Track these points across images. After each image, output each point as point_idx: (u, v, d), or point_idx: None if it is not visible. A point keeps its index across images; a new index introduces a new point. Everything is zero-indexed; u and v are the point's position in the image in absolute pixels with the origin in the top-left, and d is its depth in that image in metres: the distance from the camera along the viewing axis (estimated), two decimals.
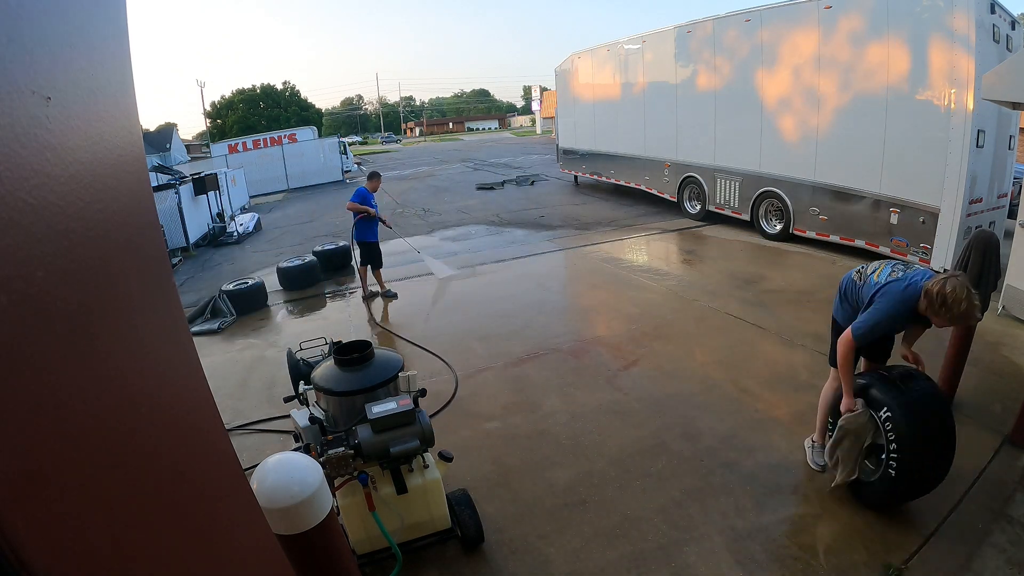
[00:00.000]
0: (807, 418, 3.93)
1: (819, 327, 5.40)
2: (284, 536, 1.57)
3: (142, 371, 0.79)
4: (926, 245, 6.60)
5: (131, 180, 0.82)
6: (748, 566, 2.72)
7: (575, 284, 7.76)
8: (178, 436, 0.86)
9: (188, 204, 12.24)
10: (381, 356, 2.85)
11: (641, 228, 10.50)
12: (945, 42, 6.11)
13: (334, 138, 27.28)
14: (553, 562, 2.84)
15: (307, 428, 2.67)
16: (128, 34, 0.86)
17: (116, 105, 0.80)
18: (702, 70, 9.92)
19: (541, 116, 53.95)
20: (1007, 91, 4.77)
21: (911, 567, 2.66)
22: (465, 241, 10.54)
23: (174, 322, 0.94)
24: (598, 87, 13.61)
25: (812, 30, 7.66)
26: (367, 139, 73.03)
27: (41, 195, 0.60)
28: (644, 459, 3.59)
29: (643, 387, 4.53)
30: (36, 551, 0.53)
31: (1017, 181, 7.58)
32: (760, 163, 8.93)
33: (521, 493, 3.36)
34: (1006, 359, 4.67)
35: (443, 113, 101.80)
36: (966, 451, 3.47)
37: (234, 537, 1.02)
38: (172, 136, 37.31)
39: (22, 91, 0.59)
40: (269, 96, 62.64)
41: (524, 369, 5.00)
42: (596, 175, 14.75)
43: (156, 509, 0.75)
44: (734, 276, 7.19)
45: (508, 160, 27.00)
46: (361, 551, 2.70)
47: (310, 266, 8.39)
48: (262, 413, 4.54)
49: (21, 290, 0.55)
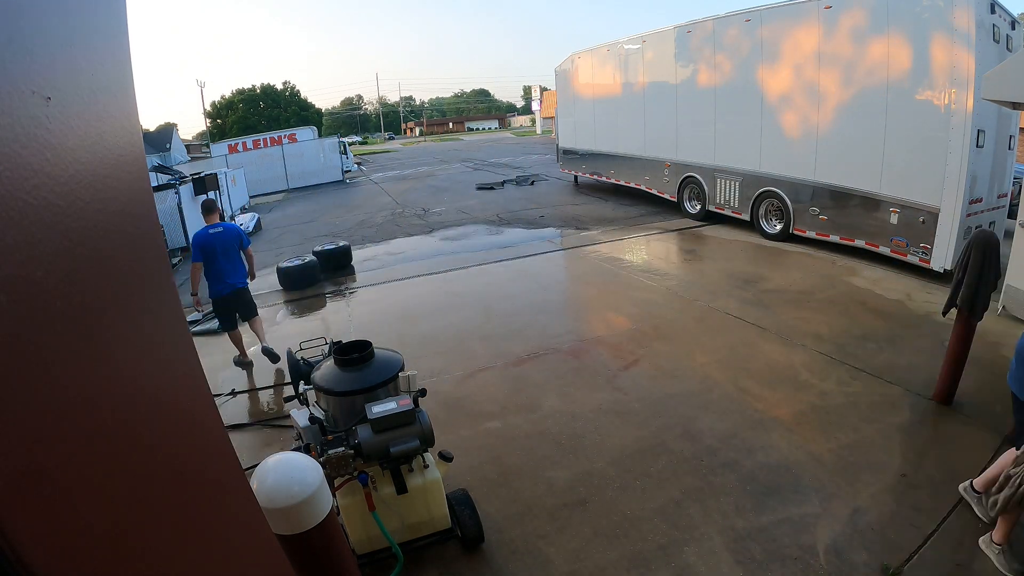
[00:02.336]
0: (807, 418, 3.94)
1: (819, 327, 5.41)
2: (284, 536, 1.57)
3: (142, 371, 0.79)
4: (926, 245, 6.60)
5: (131, 180, 0.82)
6: (748, 566, 2.72)
7: (575, 284, 7.76)
8: (178, 436, 0.86)
9: (188, 204, 12.25)
10: (381, 356, 2.85)
11: (641, 228, 10.50)
12: (945, 42, 6.10)
13: (334, 138, 27.25)
14: (553, 562, 2.84)
15: (307, 428, 2.67)
16: (128, 34, 0.86)
17: (116, 105, 0.80)
18: (702, 70, 9.91)
19: (541, 116, 53.90)
20: (1007, 91, 4.77)
21: (911, 567, 2.66)
22: (465, 241, 10.55)
23: (174, 322, 0.94)
24: (598, 87, 13.60)
25: (812, 29, 7.66)
26: (367, 139, 73.03)
27: (41, 195, 0.60)
28: (644, 459, 3.59)
29: (643, 387, 4.53)
30: (36, 551, 0.53)
31: (1017, 181, 7.58)
32: (760, 163, 8.93)
33: (521, 493, 3.36)
34: (1006, 359, 4.63)
35: (443, 113, 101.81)
36: (966, 451, 3.48)
37: (234, 537, 1.02)
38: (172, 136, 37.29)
39: (22, 91, 0.59)
40: (269, 96, 62.59)
41: (524, 369, 5.00)
42: (596, 175, 14.74)
43: (156, 509, 0.75)
44: (734, 276, 7.19)
45: (508, 160, 26.99)
46: (361, 551, 2.70)
47: (310, 266, 8.39)
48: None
49: (21, 290, 0.55)
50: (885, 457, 3.46)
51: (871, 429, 3.75)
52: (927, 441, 3.66)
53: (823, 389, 4.30)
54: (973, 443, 3.54)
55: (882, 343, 5.01)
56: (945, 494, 3.10)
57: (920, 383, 4.26)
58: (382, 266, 9.21)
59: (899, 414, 3.92)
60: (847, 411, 3.98)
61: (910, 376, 4.39)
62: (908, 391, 4.19)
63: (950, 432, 3.72)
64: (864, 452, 3.52)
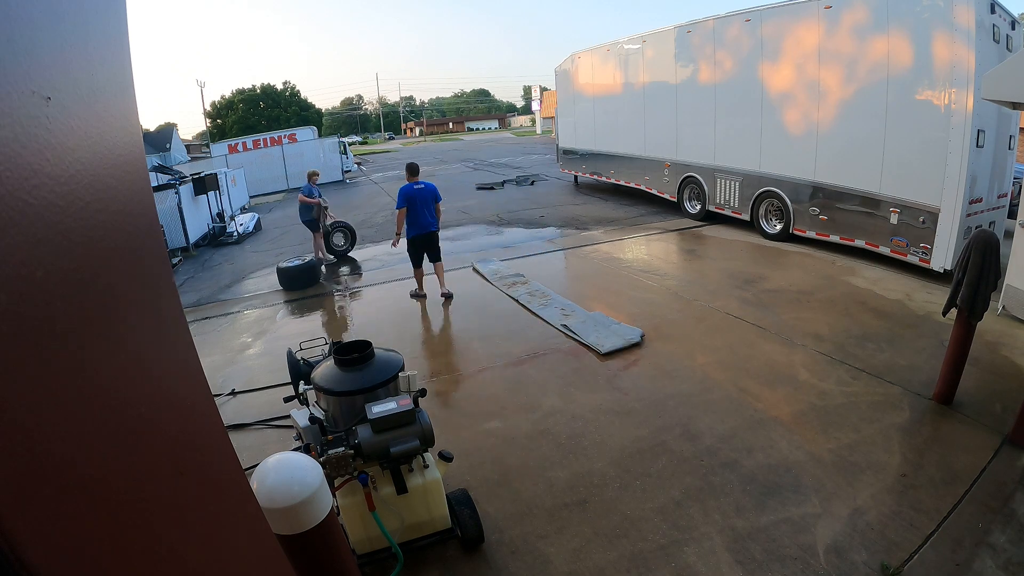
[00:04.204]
0: (807, 418, 3.94)
1: (819, 327, 5.41)
2: (284, 536, 1.57)
3: (142, 371, 0.79)
4: (926, 245, 6.60)
5: (131, 180, 0.82)
6: (748, 566, 2.72)
7: (575, 284, 7.76)
8: (178, 436, 0.86)
9: (188, 204, 12.25)
10: (381, 356, 2.85)
11: (641, 228, 10.50)
12: (945, 42, 6.10)
13: (334, 138, 27.26)
14: (553, 562, 2.84)
15: (307, 428, 2.67)
16: (128, 34, 0.86)
17: (116, 105, 0.80)
18: (703, 70, 9.91)
19: (541, 116, 53.92)
20: (1007, 91, 4.77)
21: (911, 567, 2.66)
22: (465, 241, 10.54)
23: (174, 322, 0.94)
24: (598, 87, 13.60)
25: (812, 29, 7.66)
26: (367, 139, 73.02)
27: (41, 195, 0.60)
28: (644, 459, 3.59)
29: (643, 387, 4.53)
30: (36, 551, 0.53)
31: (1017, 181, 7.58)
32: (760, 163, 8.94)
33: (521, 493, 3.36)
34: (1006, 359, 4.67)
35: (443, 113, 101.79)
36: (966, 451, 3.48)
37: (234, 537, 1.02)
38: (172, 136, 37.24)
39: (22, 91, 0.59)
40: (269, 96, 62.60)
41: (524, 369, 5.00)
42: (596, 175, 14.75)
43: (156, 509, 0.75)
44: (734, 276, 7.19)
45: (508, 160, 26.99)
46: (361, 551, 2.70)
47: (310, 266, 8.40)
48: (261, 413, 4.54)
49: (21, 290, 0.55)
50: (885, 457, 3.46)
51: (871, 429, 3.75)
52: (927, 441, 3.66)
53: (823, 389, 4.30)
54: (973, 443, 3.54)
55: (882, 343, 5.01)
56: (945, 494, 3.10)
57: (920, 383, 4.26)
58: (382, 266, 9.22)
59: (899, 414, 3.92)
60: (847, 411, 3.98)
61: (910, 376, 4.39)
62: (908, 391, 4.19)
63: (950, 432, 3.72)
64: (864, 452, 3.52)
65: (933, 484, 3.20)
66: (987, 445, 3.51)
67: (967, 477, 3.21)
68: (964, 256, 3.73)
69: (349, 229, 10.22)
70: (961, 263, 3.76)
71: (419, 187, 6.75)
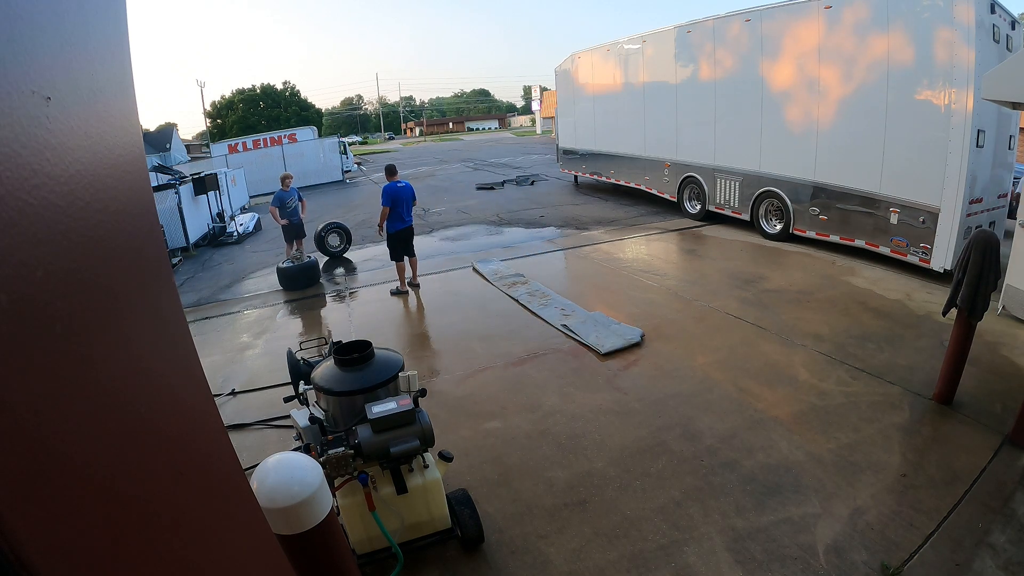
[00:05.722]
0: (807, 418, 3.94)
1: (819, 327, 5.41)
2: (284, 536, 1.57)
3: (142, 371, 0.79)
4: (926, 245, 6.60)
5: (131, 180, 0.82)
6: (748, 566, 2.72)
7: (575, 284, 7.76)
8: (178, 436, 0.86)
9: (188, 204, 12.25)
10: (381, 356, 2.85)
11: (641, 228, 10.50)
12: (945, 42, 6.10)
13: (334, 138, 27.23)
14: (553, 562, 2.84)
15: (307, 428, 2.67)
16: (128, 34, 0.86)
17: (116, 105, 0.80)
18: (702, 69, 9.91)
19: (541, 116, 53.89)
20: (1007, 91, 4.77)
21: (911, 567, 2.66)
22: (464, 241, 10.54)
23: (174, 322, 0.94)
24: (598, 87, 13.60)
25: (812, 29, 7.66)
26: (367, 139, 73.00)
27: (41, 195, 0.60)
28: (644, 459, 3.59)
29: (643, 387, 4.53)
30: (36, 551, 0.53)
31: (1017, 181, 7.58)
32: (760, 163, 8.93)
33: (521, 493, 3.36)
34: (1006, 359, 4.67)
35: (443, 113, 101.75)
36: (966, 451, 3.48)
37: (234, 537, 1.02)
38: (172, 136, 37.24)
39: (22, 91, 0.58)
40: (269, 96, 62.57)
41: (524, 369, 5.00)
42: (596, 175, 14.74)
43: (156, 509, 0.75)
44: (734, 276, 7.19)
45: (508, 160, 26.99)
46: (361, 551, 2.70)
47: (310, 266, 8.40)
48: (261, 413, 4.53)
49: (21, 290, 0.55)
50: (885, 457, 3.46)
51: (871, 429, 3.75)
52: (927, 441, 3.66)
53: (823, 389, 4.30)
54: (973, 443, 3.54)
55: (882, 343, 5.01)
56: (945, 494, 3.10)
57: (920, 383, 4.26)
58: (382, 266, 9.21)
59: (899, 414, 3.92)
60: (847, 411, 3.98)
61: (910, 376, 4.39)
62: (908, 391, 4.19)
63: (950, 432, 3.72)
64: (864, 452, 3.52)
65: (933, 484, 3.20)
66: (987, 445, 3.51)
67: (967, 477, 3.21)
68: (964, 256, 3.73)
69: (344, 230, 10.25)
70: (961, 263, 3.76)
71: (401, 185, 7.26)
